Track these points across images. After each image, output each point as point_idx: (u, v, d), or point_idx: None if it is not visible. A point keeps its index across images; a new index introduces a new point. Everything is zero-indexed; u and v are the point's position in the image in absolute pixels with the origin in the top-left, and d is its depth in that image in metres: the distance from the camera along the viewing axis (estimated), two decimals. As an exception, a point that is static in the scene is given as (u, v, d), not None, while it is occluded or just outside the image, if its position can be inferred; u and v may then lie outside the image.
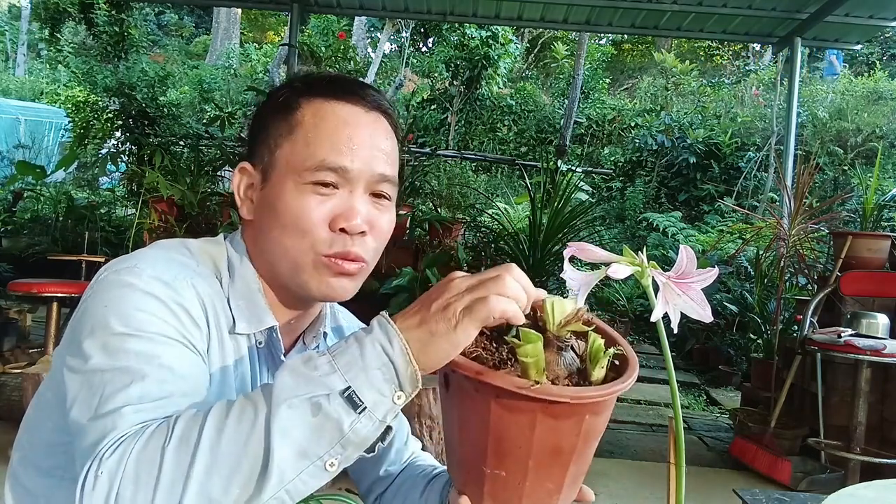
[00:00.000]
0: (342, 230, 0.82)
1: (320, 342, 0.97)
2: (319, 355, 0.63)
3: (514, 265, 0.66)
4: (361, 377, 0.61)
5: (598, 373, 0.68)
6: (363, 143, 0.84)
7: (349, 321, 1.09)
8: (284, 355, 0.91)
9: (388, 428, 0.63)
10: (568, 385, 0.66)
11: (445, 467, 0.96)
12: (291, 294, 0.88)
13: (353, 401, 0.60)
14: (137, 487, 0.59)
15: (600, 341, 0.69)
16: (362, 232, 0.84)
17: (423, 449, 1.11)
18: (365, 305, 1.05)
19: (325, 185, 0.82)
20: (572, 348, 0.70)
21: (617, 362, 0.70)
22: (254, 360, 0.87)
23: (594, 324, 0.72)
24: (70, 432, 0.70)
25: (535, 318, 0.71)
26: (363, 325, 1.08)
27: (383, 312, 0.65)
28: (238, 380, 0.85)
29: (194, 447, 0.59)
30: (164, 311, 0.74)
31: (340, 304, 0.98)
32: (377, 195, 0.87)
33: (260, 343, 0.88)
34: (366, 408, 0.60)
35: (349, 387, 0.60)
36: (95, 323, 0.73)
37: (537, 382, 0.62)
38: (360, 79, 0.93)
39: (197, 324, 0.78)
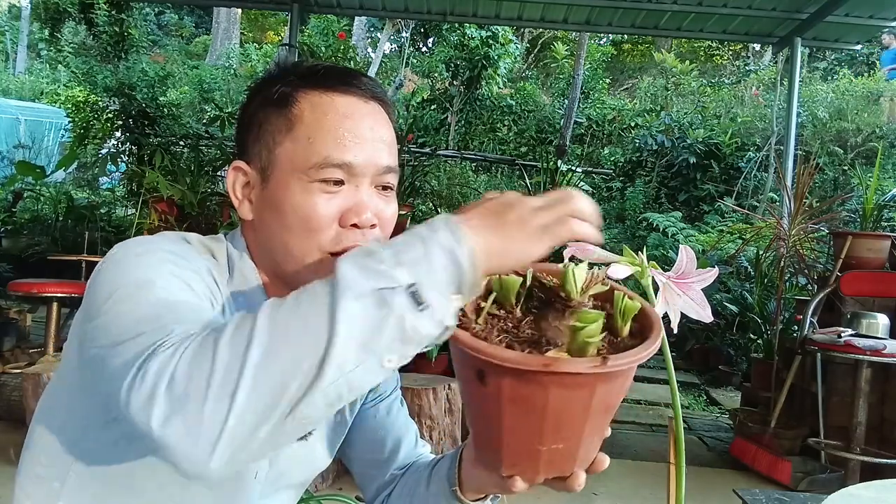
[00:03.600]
0: (353, 225, 0.82)
1: None
2: (382, 248, 0.60)
3: (577, 192, 0.65)
4: (427, 276, 0.58)
5: (626, 329, 0.69)
6: (365, 136, 0.83)
7: None
8: None
9: (446, 329, 0.60)
10: (604, 346, 0.67)
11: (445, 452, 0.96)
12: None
13: (416, 298, 0.57)
14: (190, 377, 0.56)
15: (628, 299, 0.70)
16: (373, 225, 0.84)
17: None
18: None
19: (333, 182, 0.82)
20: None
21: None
22: None
23: (608, 283, 0.73)
24: (100, 371, 0.67)
25: (544, 287, 0.71)
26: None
27: (448, 217, 0.62)
28: None
29: (250, 332, 0.57)
30: (186, 272, 0.75)
31: None
32: (382, 186, 0.87)
33: None
34: (428, 306, 0.58)
35: (414, 283, 0.57)
36: (115, 285, 0.72)
37: (605, 359, 0.62)
38: (351, 67, 0.92)
39: (213, 294, 0.79)
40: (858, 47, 6.67)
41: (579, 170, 9.03)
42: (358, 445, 1.04)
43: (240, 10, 16.64)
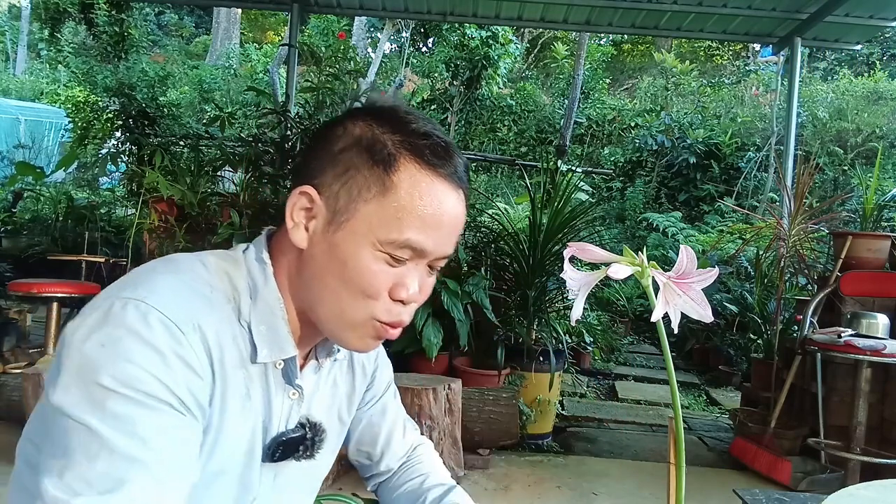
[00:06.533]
0: (399, 300, 0.83)
1: (335, 356, 0.97)
2: None
3: None
4: None
5: None
6: (449, 232, 0.84)
7: None
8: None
9: None
10: None
11: (436, 485, 1.05)
12: (318, 330, 0.88)
13: None
14: None
15: None
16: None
17: None
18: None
19: (400, 259, 0.82)
20: None
21: None
22: (269, 383, 0.86)
23: None
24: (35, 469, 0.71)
25: None
26: None
27: None
28: (251, 411, 0.84)
29: None
30: (160, 367, 0.71)
31: None
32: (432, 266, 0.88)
33: (278, 366, 0.87)
34: None
35: None
36: (88, 363, 0.70)
37: None
38: (448, 141, 0.87)
39: (198, 374, 0.75)
40: (858, 47, 6.66)
41: (579, 170, 9.02)
42: (353, 443, 1.10)
43: (240, 11, 16.65)
